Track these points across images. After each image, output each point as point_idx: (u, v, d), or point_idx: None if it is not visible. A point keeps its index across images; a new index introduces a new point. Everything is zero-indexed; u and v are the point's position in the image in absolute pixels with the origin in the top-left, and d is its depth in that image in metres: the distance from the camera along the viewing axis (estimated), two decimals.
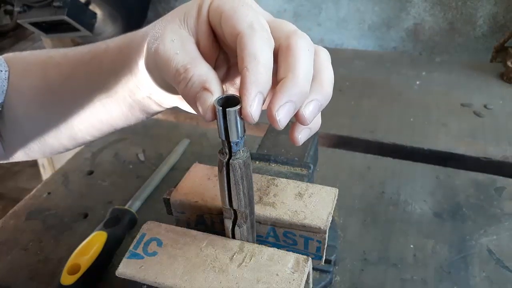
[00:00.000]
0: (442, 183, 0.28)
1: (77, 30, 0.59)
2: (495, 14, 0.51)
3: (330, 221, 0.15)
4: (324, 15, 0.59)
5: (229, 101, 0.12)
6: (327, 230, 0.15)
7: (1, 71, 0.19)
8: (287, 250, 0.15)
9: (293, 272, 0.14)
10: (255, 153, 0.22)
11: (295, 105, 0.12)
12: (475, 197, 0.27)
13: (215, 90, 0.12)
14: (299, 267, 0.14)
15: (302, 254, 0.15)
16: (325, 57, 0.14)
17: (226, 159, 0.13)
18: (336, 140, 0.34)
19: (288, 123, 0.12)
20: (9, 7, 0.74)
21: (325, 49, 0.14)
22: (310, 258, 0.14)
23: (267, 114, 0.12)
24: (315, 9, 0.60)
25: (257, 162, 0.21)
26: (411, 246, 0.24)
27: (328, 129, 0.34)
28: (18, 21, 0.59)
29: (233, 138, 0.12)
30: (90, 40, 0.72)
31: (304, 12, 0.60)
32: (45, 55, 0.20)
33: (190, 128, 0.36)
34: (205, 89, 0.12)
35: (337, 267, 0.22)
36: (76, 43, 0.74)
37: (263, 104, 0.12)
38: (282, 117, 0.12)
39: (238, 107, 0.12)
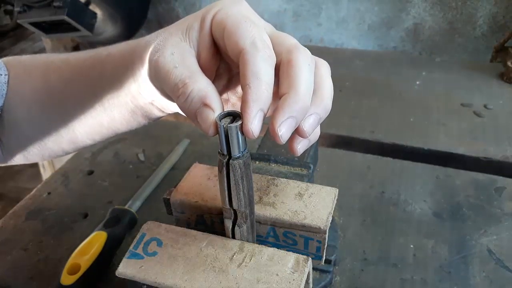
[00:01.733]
0: (442, 183, 0.28)
1: (77, 30, 0.59)
2: (495, 14, 0.51)
3: (330, 221, 0.15)
4: (324, 15, 0.60)
5: (229, 116, 0.12)
6: (327, 230, 0.15)
7: (1, 74, 0.19)
8: (287, 250, 0.15)
9: (293, 272, 0.14)
10: (255, 153, 0.22)
11: (297, 120, 0.12)
12: (475, 197, 0.27)
13: (216, 107, 0.12)
14: (299, 267, 0.14)
15: (302, 254, 0.15)
16: (325, 70, 0.14)
17: (226, 159, 0.13)
18: (336, 140, 0.34)
19: None
20: (9, 7, 0.74)
21: (325, 61, 0.14)
22: (310, 258, 0.14)
23: (269, 129, 0.12)
24: (315, 9, 0.60)
25: (257, 162, 0.21)
26: (411, 246, 0.24)
27: (328, 129, 0.34)
28: (18, 21, 0.59)
29: (235, 152, 0.12)
30: (90, 40, 0.72)
31: (304, 12, 0.60)
32: (45, 60, 0.20)
33: (190, 128, 0.36)
34: (206, 105, 0.12)
35: (337, 267, 0.22)
36: (76, 43, 0.74)
37: (264, 119, 0.12)
38: (284, 132, 0.12)
39: (240, 123, 0.12)
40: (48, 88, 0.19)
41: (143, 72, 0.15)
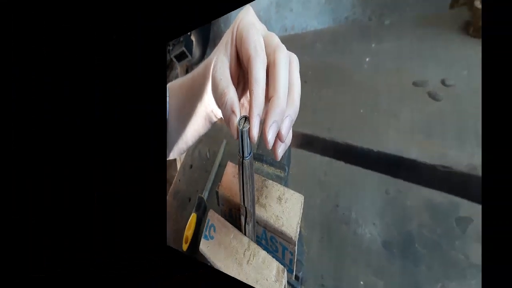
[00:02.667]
0: (391, 201, 0.13)
1: (187, 57, 0.56)
2: None
3: (299, 232, 0.11)
4: None
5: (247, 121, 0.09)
6: (296, 242, 0.11)
7: (168, 96, 0.18)
8: (272, 256, 0.12)
9: (275, 281, 0.11)
10: (255, 153, 0.16)
11: (278, 124, 0.09)
12: (430, 229, 0.10)
13: (238, 113, 0.10)
14: (279, 276, 0.11)
15: (281, 263, 0.11)
16: (295, 67, 0.10)
17: (241, 159, 0.10)
18: (302, 140, 0.23)
19: None
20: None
21: (295, 56, 0.10)
22: (285, 270, 0.11)
23: (262, 134, 0.08)
24: None
25: (257, 162, 0.16)
26: (361, 283, 0.13)
27: (296, 127, 0.22)
28: (170, 56, 0.59)
29: (245, 153, 0.10)
30: (190, 63, 0.68)
31: (282, 0, 0.36)
32: (178, 84, 0.18)
33: (226, 129, 0.31)
34: (233, 111, 0.10)
35: (303, 287, 0.15)
36: (187, 67, 0.72)
37: (260, 122, 0.09)
38: (270, 137, 0.09)
39: (247, 127, 0.09)
40: (177, 105, 0.17)
41: (208, 86, 0.12)
